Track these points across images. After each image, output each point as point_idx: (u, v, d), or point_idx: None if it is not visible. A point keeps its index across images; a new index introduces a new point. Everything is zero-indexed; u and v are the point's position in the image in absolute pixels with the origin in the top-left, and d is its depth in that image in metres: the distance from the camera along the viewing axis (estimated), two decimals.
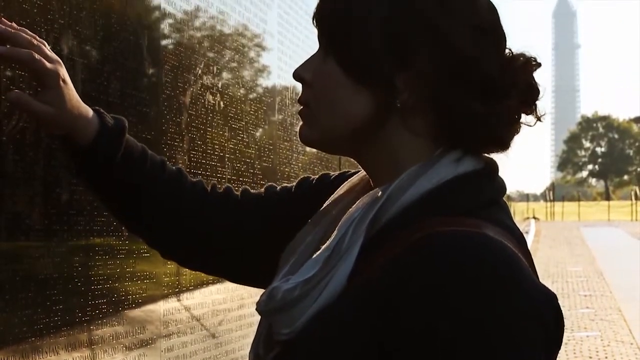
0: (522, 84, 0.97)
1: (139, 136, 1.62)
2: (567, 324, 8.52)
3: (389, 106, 0.97)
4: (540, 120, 1.00)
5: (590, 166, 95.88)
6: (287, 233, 1.07)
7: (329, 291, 0.91)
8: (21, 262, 1.36)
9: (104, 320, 1.59)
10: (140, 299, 1.75)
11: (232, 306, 2.31)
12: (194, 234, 1.18)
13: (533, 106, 0.99)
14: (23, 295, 1.34)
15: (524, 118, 1.00)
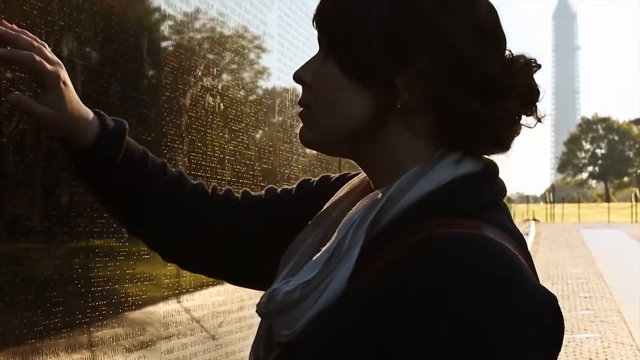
0: (522, 85, 0.97)
1: (139, 138, 1.62)
2: (567, 326, 8.52)
3: (389, 106, 0.97)
4: (540, 121, 1.00)
5: (590, 168, 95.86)
6: (288, 235, 1.07)
7: (329, 293, 0.91)
8: (21, 264, 1.36)
9: (104, 322, 1.59)
10: (140, 301, 1.75)
11: (232, 308, 2.31)
12: (195, 236, 1.18)
13: (533, 107, 0.99)
14: (23, 297, 1.34)
15: (524, 119, 1.00)
